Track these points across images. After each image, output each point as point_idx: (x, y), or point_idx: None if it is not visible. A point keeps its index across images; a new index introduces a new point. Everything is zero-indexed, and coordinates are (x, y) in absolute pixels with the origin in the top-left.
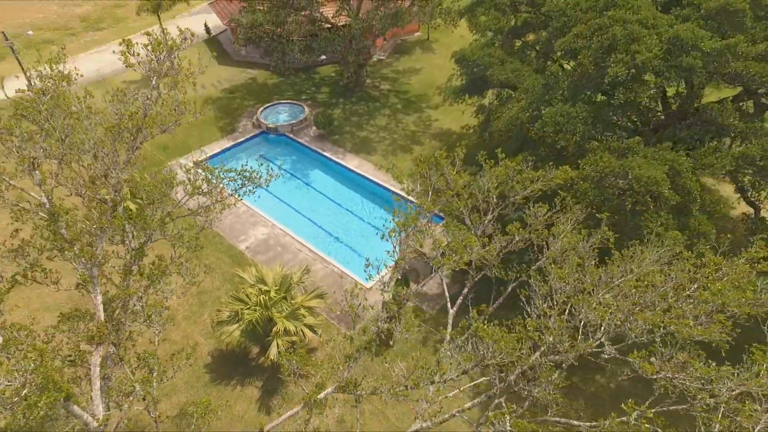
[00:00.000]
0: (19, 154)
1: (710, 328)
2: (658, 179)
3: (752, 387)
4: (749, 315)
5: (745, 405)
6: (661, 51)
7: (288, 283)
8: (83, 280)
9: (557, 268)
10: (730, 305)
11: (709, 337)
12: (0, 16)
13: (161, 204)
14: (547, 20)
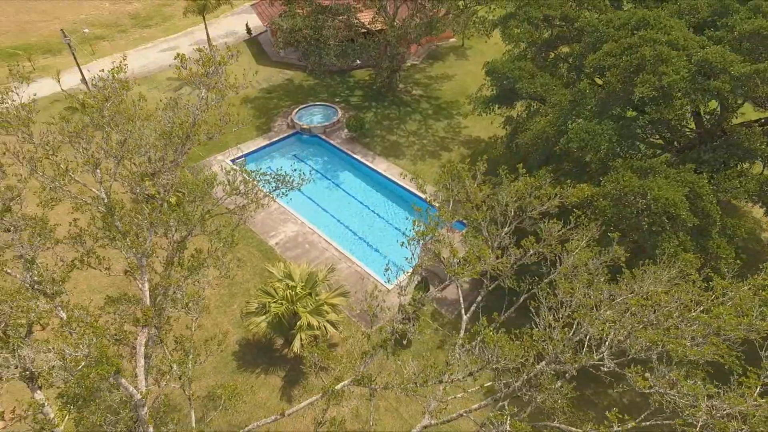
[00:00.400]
0: (85, 155)
1: (704, 349)
2: (677, 201)
3: (735, 407)
4: (745, 339)
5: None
6: (690, 73)
7: (313, 280)
8: (131, 267)
9: (566, 283)
10: (726, 329)
11: (701, 357)
12: (59, 12)
13: (202, 201)
14: (580, 35)
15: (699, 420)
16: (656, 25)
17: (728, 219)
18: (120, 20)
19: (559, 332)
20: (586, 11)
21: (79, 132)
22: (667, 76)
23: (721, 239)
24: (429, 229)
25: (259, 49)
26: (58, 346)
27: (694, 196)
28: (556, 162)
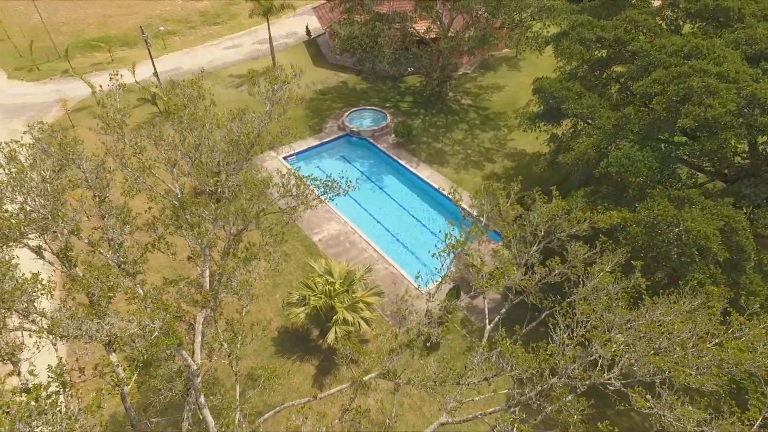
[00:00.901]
0: (166, 155)
1: (703, 378)
2: (708, 234)
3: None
4: (747, 373)
5: None
6: (737, 107)
7: (351, 278)
8: (194, 254)
9: (584, 305)
10: (728, 362)
11: (701, 386)
12: (137, 8)
13: (258, 200)
14: (633, 57)
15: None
16: (709, 55)
17: (766, 255)
18: (190, 17)
19: (572, 350)
20: (641, 34)
21: (162, 135)
22: (712, 109)
23: (755, 275)
24: (459, 243)
25: (317, 51)
26: (140, 318)
27: (730, 230)
28: (596, 184)
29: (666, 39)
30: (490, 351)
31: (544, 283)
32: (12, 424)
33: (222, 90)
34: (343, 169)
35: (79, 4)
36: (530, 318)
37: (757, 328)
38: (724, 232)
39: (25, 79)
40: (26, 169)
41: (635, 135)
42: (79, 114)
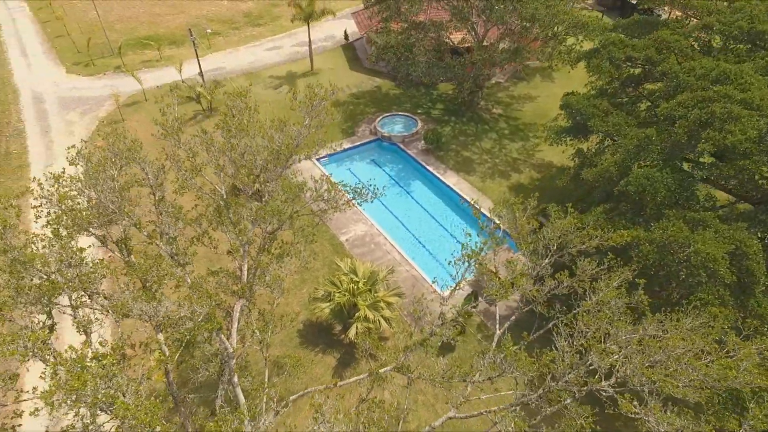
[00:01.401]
0: (216, 161)
1: (686, 390)
2: (717, 257)
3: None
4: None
5: None
6: (757, 134)
7: (374, 278)
8: (233, 249)
9: (587, 317)
10: (713, 377)
11: (685, 397)
12: (185, 7)
13: (292, 203)
14: (663, 77)
15: None
16: (736, 80)
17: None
18: (235, 17)
19: (571, 357)
20: (673, 54)
21: (212, 142)
22: (732, 136)
23: (764, 299)
24: (474, 253)
25: (353, 55)
26: (190, 303)
27: (741, 254)
28: (615, 201)
29: (696, 62)
30: (497, 354)
31: (553, 295)
32: (94, 381)
33: (262, 90)
34: (372, 173)
35: (131, 2)
36: (537, 326)
37: (749, 348)
38: (736, 256)
39: (81, 73)
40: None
41: (657, 155)
42: (128, 108)
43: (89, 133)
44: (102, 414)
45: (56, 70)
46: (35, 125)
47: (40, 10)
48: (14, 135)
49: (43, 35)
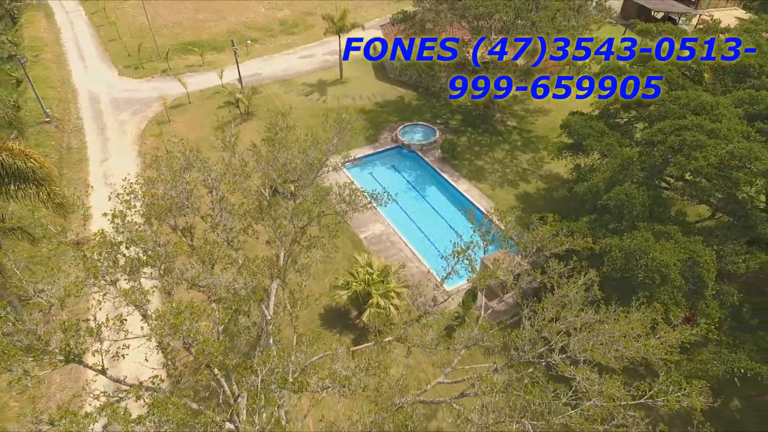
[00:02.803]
0: (263, 171)
1: (608, 359)
2: (669, 264)
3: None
4: (645, 360)
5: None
6: (719, 161)
7: (387, 271)
8: (272, 240)
9: (544, 303)
10: (630, 350)
11: (607, 363)
12: (226, 13)
13: (320, 204)
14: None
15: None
16: (711, 111)
17: (726, 287)
18: (271, 25)
19: (530, 334)
20: (664, 83)
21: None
22: (696, 161)
23: (713, 301)
24: (462, 250)
25: (379, 65)
26: (244, 278)
27: (693, 263)
28: (600, 213)
29: (683, 92)
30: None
31: (528, 288)
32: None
33: (294, 97)
34: (392, 178)
35: (177, 7)
36: (513, 314)
37: (672, 334)
38: (690, 264)
39: (132, 76)
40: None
41: (639, 174)
42: (174, 110)
43: (140, 132)
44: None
45: (109, 72)
46: (92, 123)
47: (94, 15)
48: (74, 131)
49: (98, 39)
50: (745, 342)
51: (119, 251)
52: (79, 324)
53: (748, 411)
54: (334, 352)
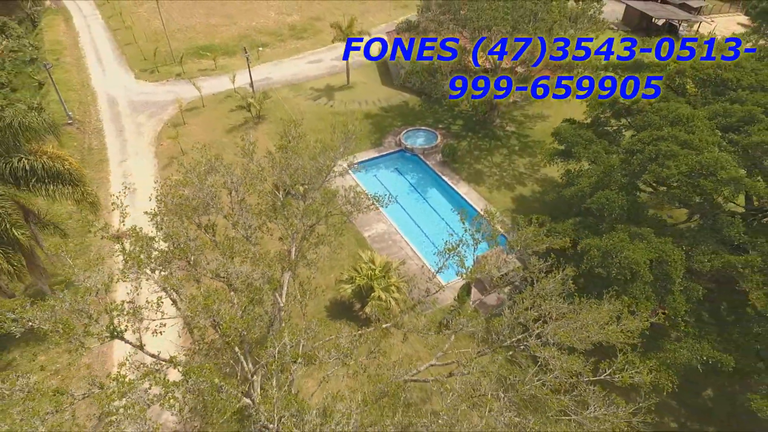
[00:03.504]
0: (277, 175)
1: (573, 340)
2: (639, 262)
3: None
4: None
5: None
6: (689, 169)
7: (388, 267)
8: (283, 236)
9: (525, 295)
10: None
11: (571, 344)
12: (238, 18)
13: (327, 205)
14: (638, 112)
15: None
16: (687, 123)
17: (692, 283)
18: (280, 30)
19: (509, 320)
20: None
21: (274, 160)
22: (668, 170)
23: (680, 296)
24: (453, 247)
25: (385, 70)
26: (261, 269)
27: (662, 261)
28: (585, 215)
29: (665, 104)
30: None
31: (516, 282)
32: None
33: (303, 101)
34: (395, 180)
35: (190, 12)
36: (500, 305)
37: (634, 322)
38: (659, 262)
39: (147, 79)
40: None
41: (621, 179)
42: (189, 113)
43: (156, 134)
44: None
45: (126, 75)
46: (111, 125)
47: (110, 19)
48: (94, 133)
49: (114, 42)
50: (710, 333)
51: (153, 245)
52: (123, 305)
53: (719, 399)
54: (339, 332)
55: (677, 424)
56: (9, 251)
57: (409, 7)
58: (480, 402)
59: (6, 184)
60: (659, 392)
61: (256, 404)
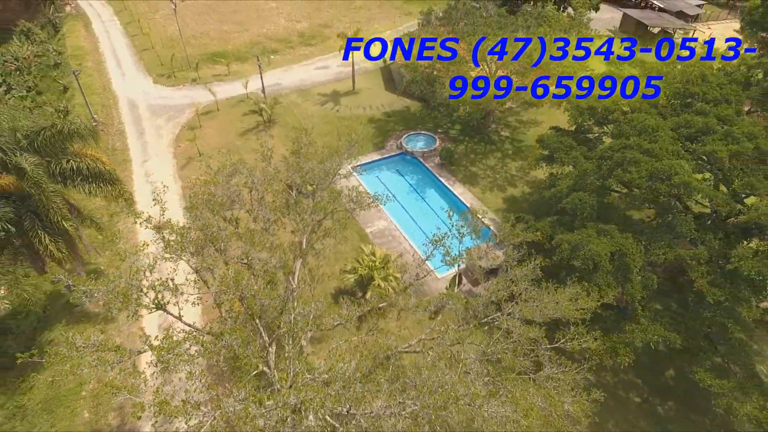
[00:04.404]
0: (291, 177)
1: (534, 315)
2: (601, 254)
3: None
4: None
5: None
6: (648, 174)
7: (387, 259)
8: (295, 230)
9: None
10: (550, 311)
11: (533, 318)
12: (249, 25)
13: (333, 202)
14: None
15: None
16: (652, 133)
17: (649, 273)
18: (290, 36)
19: (485, 299)
20: (624, 107)
21: (289, 164)
22: (630, 174)
23: (637, 284)
24: (439, 239)
25: (389, 77)
26: (279, 255)
27: (621, 254)
28: (562, 214)
29: (636, 114)
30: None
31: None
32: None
33: (311, 106)
34: (396, 181)
35: (203, 19)
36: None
37: (588, 301)
38: (620, 255)
39: (165, 84)
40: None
41: (596, 183)
42: (204, 117)
43: (174, 136)
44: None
45: (145, 80)
46: (132, 127)
47: (128, 25)
48: (117, 134)
49: (132, 48)
50: (664, 317)
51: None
52: (168, 282)
53: (678, 378)
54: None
55: (640, 399)
56: (59, 240)
57: (413, 14)
58: (455, 361)
59: (56, 183)
60: (618, 369)
61: (272, 369)
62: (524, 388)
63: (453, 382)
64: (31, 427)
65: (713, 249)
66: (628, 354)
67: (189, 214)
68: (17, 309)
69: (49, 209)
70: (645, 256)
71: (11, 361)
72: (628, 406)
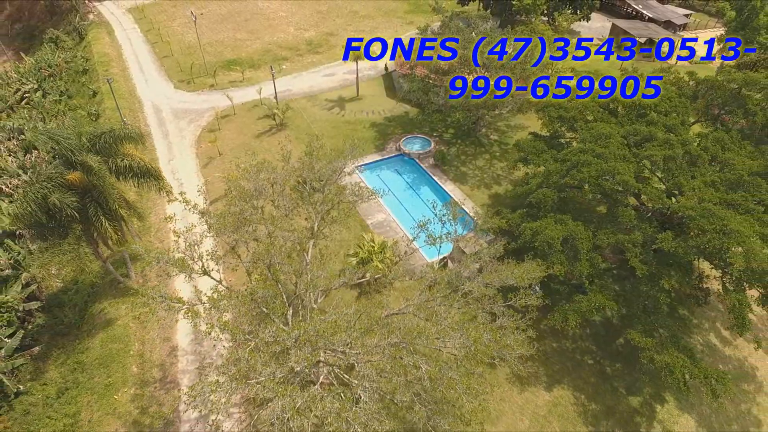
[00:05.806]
0: (305, 174)
1: (492, 281)
2: (554, 237)
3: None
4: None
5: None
6: (597, 174)
7: (385, 245)
8: (308, 218)
9: (468, 257)
10: (507, 279)
11: (491, 283)
12: (261, 33)
13: (338, 195)
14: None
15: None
16: (604, 140)
17: (596, 255)
18: (298, 45)
19: (455, 271)
20: (590, 114)
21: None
22: (581, 174)
23: (585, 263)
24: (423, 225)
25: (390, 83)
26: (297, 236)
27: (572, 238)
28: (531, 207)
29: (595, 123)
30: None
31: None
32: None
33: (318, 111)
34: (394, 179)
35: (218, 27)
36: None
37: (535, 272)
38: (570, 239)
39: (185, 89)
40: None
41: (559, 182)
42: (222, 120)
43: (195, 138)
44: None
45: (166, 85)
46: (157, 129)
47: (149, 32)
48: (144, 136)
49: (154, 55)
50: (606, 289)
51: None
52: (213, 253)
53: (627, 345)
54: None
55: (593, 361)
56: (116, 225)
57: (415, 23)
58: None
59: (114, 177)
60: (576, 337)
61: (290, 326)
62: (479, 329)
63: (428, 326)
64: (90, 377)
65: (647, 235)
66: (576, 319)
67: (226, 200)
68: (68, 285)
69: (108, 199)
70: (592, 241)
71: (67, 328)
72: (582, 366)
